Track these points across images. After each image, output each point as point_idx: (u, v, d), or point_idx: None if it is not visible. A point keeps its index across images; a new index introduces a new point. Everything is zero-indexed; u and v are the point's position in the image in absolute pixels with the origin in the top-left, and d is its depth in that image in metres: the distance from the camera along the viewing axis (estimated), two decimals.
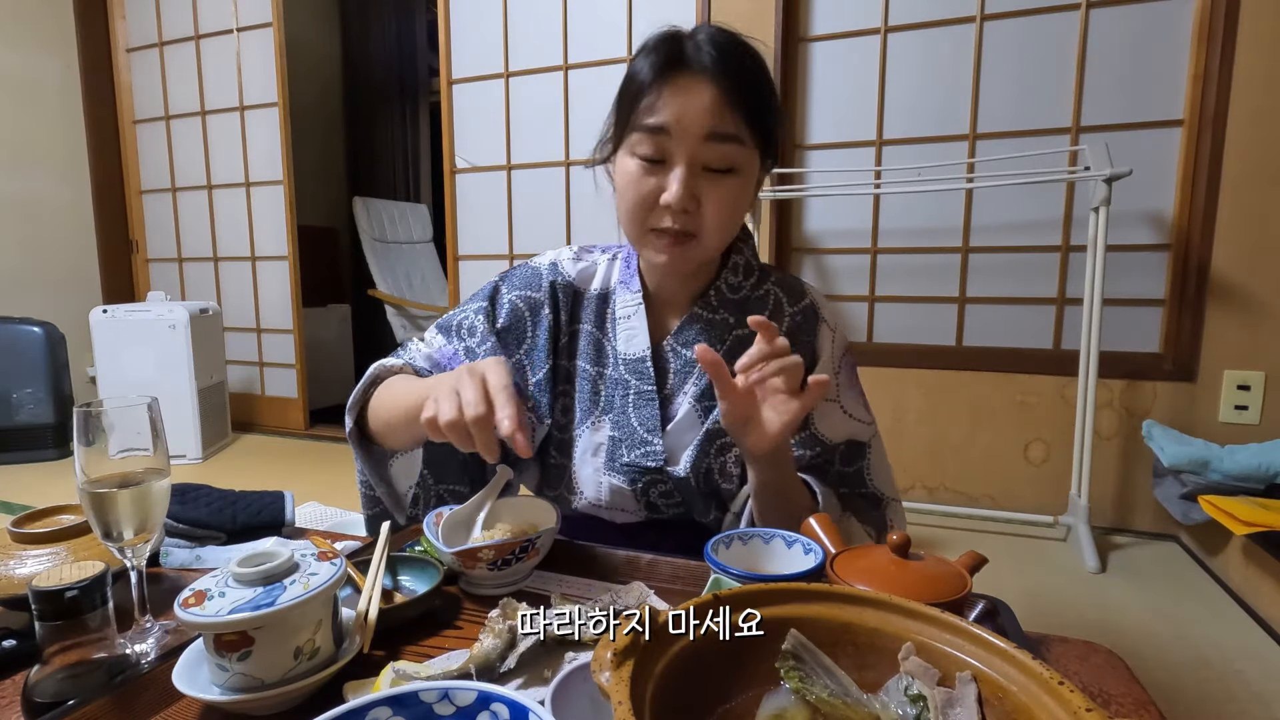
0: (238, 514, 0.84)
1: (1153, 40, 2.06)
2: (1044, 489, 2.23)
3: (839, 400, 0.84)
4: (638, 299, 0.86)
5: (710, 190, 0.74)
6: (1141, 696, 0.50)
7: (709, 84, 0.72)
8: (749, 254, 0.87)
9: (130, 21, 3.56)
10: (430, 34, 4.75)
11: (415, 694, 0.41)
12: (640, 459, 0.83)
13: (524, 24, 2.77)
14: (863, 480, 0.85)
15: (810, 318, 0.85)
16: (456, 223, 3.00)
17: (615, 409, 0.85)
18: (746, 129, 0.74)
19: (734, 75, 0.73)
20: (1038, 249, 2.23)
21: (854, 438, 0.84)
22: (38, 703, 0.48)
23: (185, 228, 3.61)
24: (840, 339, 0.85)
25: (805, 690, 0.39)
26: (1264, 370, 2.02)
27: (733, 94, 0.72)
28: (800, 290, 0.87)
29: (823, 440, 0.83)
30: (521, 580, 0.69)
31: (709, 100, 0.72)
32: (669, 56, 0.73)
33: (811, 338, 0.84)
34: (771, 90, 0.78)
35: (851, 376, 0.86)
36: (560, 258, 0.91)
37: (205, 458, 3.00)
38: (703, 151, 0.73)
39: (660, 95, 0.73)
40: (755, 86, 0.75)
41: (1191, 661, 1.46)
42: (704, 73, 0.72)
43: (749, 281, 0.86)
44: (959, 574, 0.53)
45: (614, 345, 0.86)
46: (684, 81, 0.72)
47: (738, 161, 0.74)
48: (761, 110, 0.75)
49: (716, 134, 0.72)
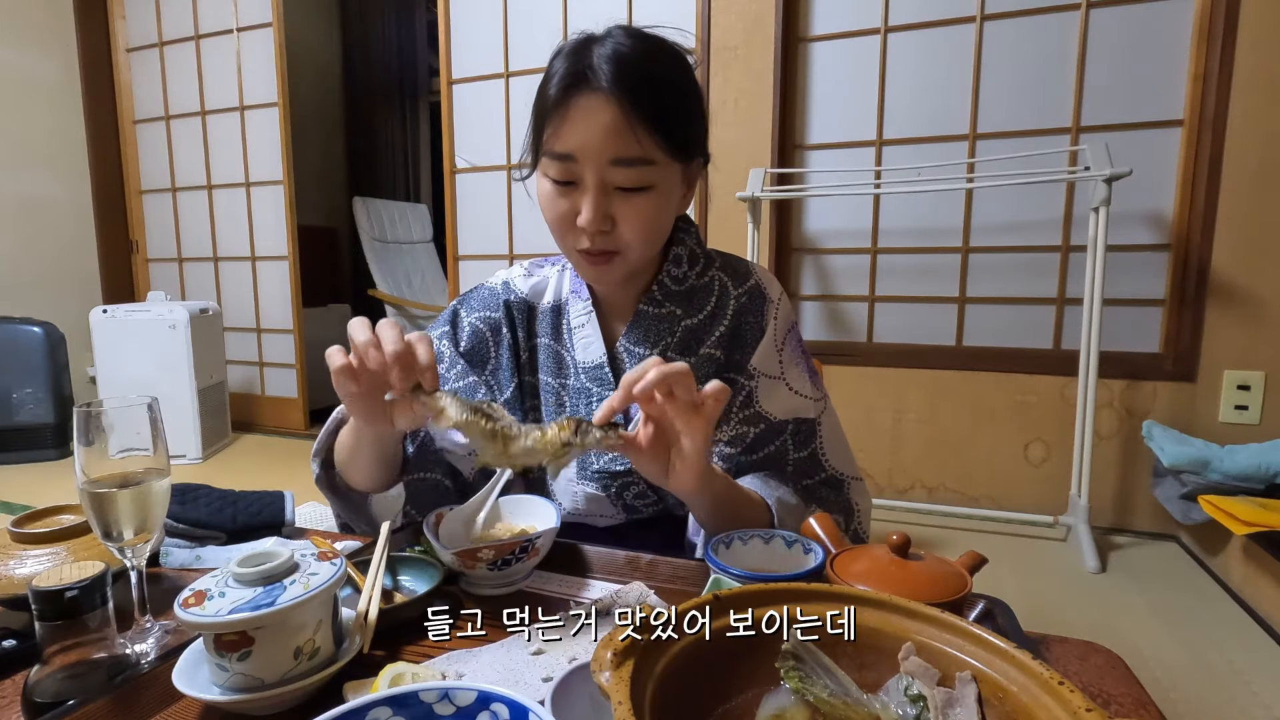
0: (238, 514, 0.84)
1: (1153, 40, 2.06)
2: (1044, 489, 2.23)
3: (783, 377, 0.84)
4: (588, 307, 0.86)
5: (625, 209, 0.73)
6: (1141, 696, 0.50)
7: (611, 104, 0.69)
8: (692, 242, 0.86)
9: (130, 21, 3.56)
10: (430, 34, 4.75)
11: (415, 694, 0.41)
12: (609, 464, 0.84)
13: (524, 24, 2.77)
14: (819, 464, 0.85)
15: (756, 298, 0.85)
16: (456, 223, 3.00)
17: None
18: (656, 146, 0.71)
19: (637, 91, 0.70)
20: (1038, 249, 2.23)
21: (800, 414, 0.84)
22: (38, 703, 0.48)
23: (185, 228, 3.61)
24: (784, 316, 0.86)
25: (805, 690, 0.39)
26: (1264, 370, 2.02)
27: (637, 112, 0.69)
28: (745, 272, 0.87)
29: (767, 417, 0.82)
30: (521, 580, 0.69)
31: (611, 122, 0.69)
32: (572, 75, 0.71)
33: (758, 317, 0.84)
34: (686, 92, 0.75)
35: (796, 353, 0.86)
36: (511, 276, 0.91)
37: (205, 458, 3.00)
38: (611, 174, 0.71)
39: (564, 119, 0.71)
40: (662, 99, 0.72)
41: (1191, 661, 1.46)
42: (604, 92, 0.69)
43: (694, 270, 0.85)
44: (959, 574, 0.53)
45: (572, 355, 0.87)
46: (586, 103, 0.70)
47: (650, 179, 0.73)
48: (672, 122, 0.72)
49: (622, 158, 0.71)
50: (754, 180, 2.21)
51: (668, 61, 0.74)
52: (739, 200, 2.20)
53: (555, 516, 0.72)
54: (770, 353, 0.83)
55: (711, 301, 0.85)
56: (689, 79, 0.77)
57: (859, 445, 2.44)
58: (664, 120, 0.71)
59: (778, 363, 0.84)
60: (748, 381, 0.83)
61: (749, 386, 0.83)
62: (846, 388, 2.42)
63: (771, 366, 0.84)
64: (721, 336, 0.84)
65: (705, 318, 0.85)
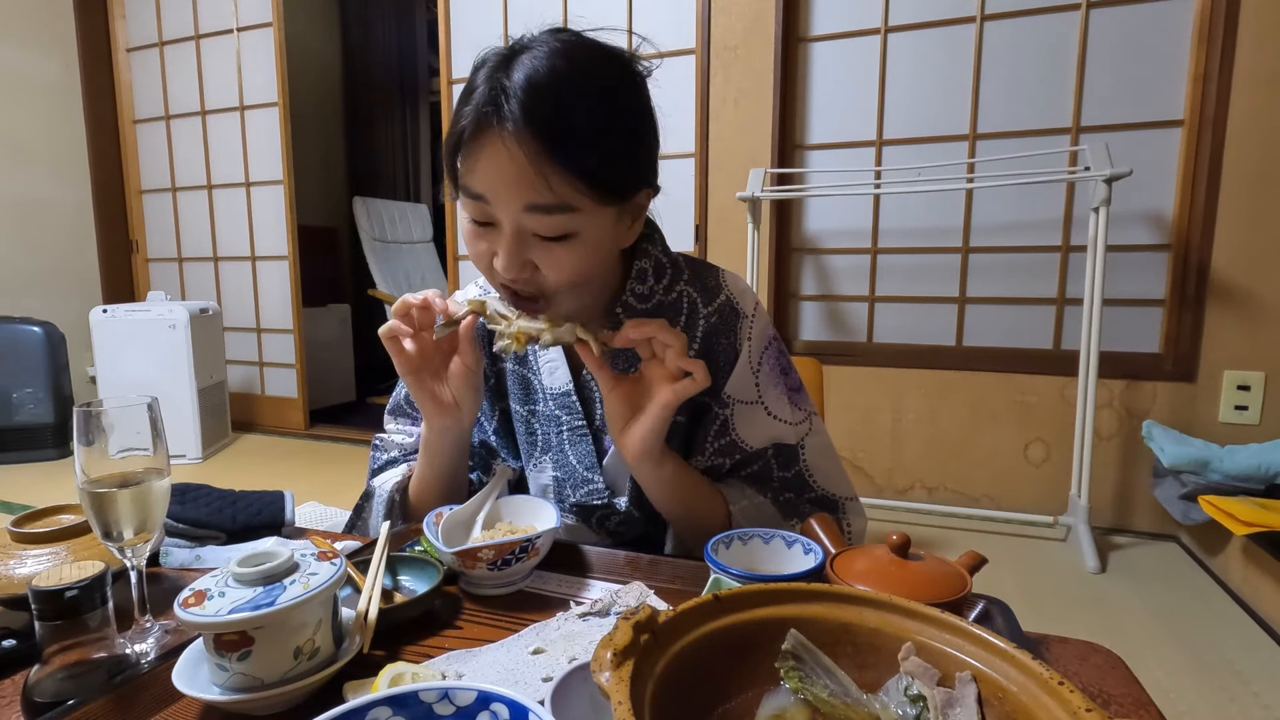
0: (238, 514, 0.84)
1: (1153, 40, 2.06)
2: (1044, 489, 2.23)
3: (761, 401, 0.78)
4: None
5: (545, 257, 0.65)
6: (1141, 696, 0.50)
7: (520, 146, 0.60)
8: (657, 251, 0.78)
9: (130, 21, 3.56)
10: (430, 34, 4.75)
11: (415, 694, 0.40)
12: (585, 498, 0.82)
13: (524, 24, 2.74)
14: (806, 484, 0.79)
15: (727, 315, 0.78)
16: (457, 223, 3.00)
17: (554, 447, 0.83)
18: (576, 191, 0.62)
19: (550, 128, 0.60)
20: (1038, 249, 2.23)
21: (779, 440, 0.78)
22: (38, 703, 0.48)
23: (185, 228, 3.62)
24: (760, 332, 0.78)
25: (805, 690, 0.39)
26: (1264, 370, 2.02)
27: (551, 153, 0.60)
28: (715, 286, 0.79)
29: (743, 447, 0.77)
30: (521, 580, 0.69)
31: (521, 168, 0.60)
32: (482, 106, 0.62)
33: (730, 338, 0.77)
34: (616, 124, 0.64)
35: (774, 372, 0.79)
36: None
37: (205, 458, 3.00)
38: (527, 221, 0.63)
39: (475, 156, 0.63)
40: (581, 136, 0.61)
41: (1191, 661, 1.46)
42: (514, 131, 0.60)
43: (660, 284, 0.78)
44: (959, 574, 0.53)
45: (539, 380, 0.83)
46: (496, 142, 0.61)
47: (571, 227, 0.63)
48: (596, 162, 0.62)
49: (537, 206, 0.62)
50: (754, 180, 2.21)
51: (594, 86, 0.63)
52: (739, 200, 2.20)
53: (555, 517, 0.72)
54: (746, 376, 0.77)
55: (680, 321, 0.78)
56: (625, 104, 0.66)
57: (859, 445, 2.44)
58: (585, 162, 0.61)
59: (754, 386, 0.78)
60: (721, 410, 0.77)
61: (723, 415, 0.77)
62: (846, 388, 2.42)
63: (747, 391, 0.77)
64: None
65: None
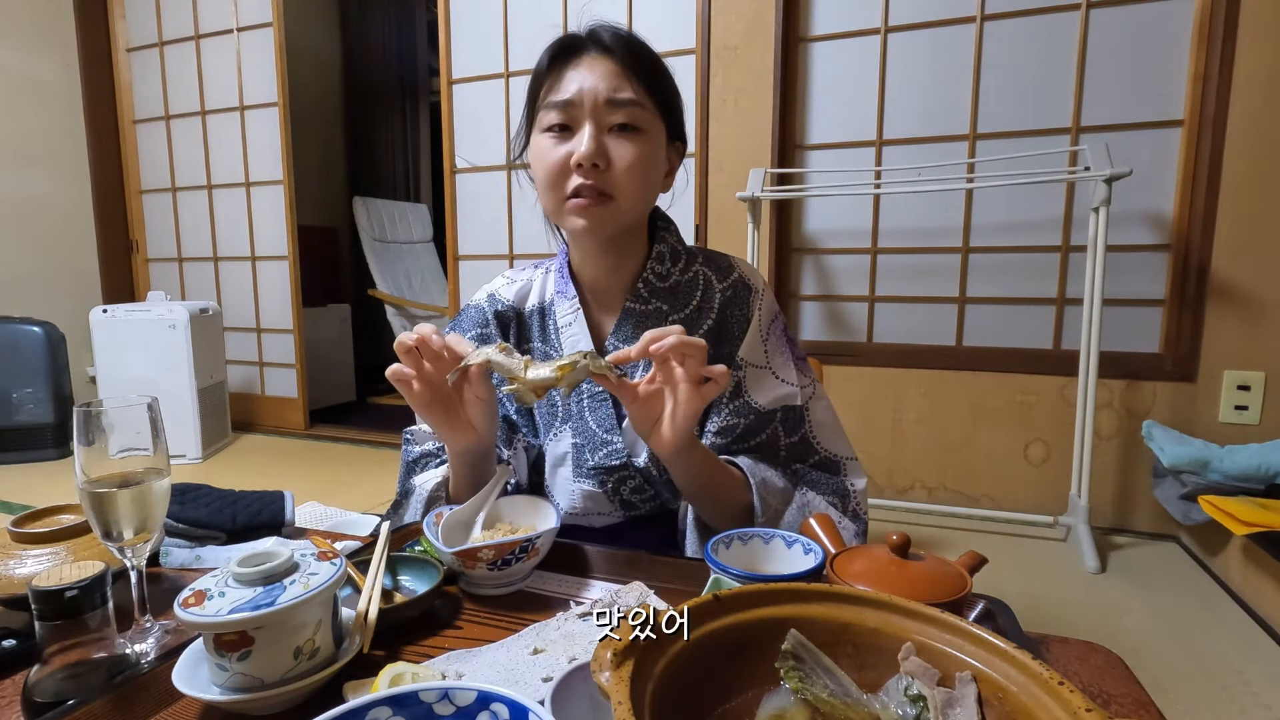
0: (238, 514, 0.84)
1: (1153, 40, 2.06)
2: (1044, 489, 2.23)
3: (769, 366, 0.86)
4: (575, 305, 0.88)
5: (619, 149, 0.78)
6: (1141, 696, 0.50)
7: (607, 58, 0.79)
8: (673, 239, 0.90)
9: (130, 21, 3.56)
10: (430, 34, 4.75)
11: (415, 694, 0.41)
12: (604, 459, 0.85)
13: (524, 24, 2.77)
14: (811, 447, 0.87)
15: (740, 290, 0.88)
16: (456, 223, 3.00)
17: (574, 416, 0.88)
18: (646, 95, 0.79)
19: (630, 51, 0.79)
20: (1038, 249, 2.23)
21: (787, 402, 0.86)
22: (38, 703, 0.48)
23: (185, 228, 3.61)
24: (768, 306, 0.88)
25: (805, 690, 0.39)
26: (1264, 370, 2.02)
27: (630, 66, 0.79)
28: (727, 266, 0.90)
29: (755, 408, 0.84)
30: (521, 580, 0.69)
31: (608, 70, 0.78)
32: (568, 46, 0.80)
33: (743, 309, 0.87)
34: (668, 73, 0.84)
35: (781, 341, 0.88)
36: (495, 288, 0.94)
37: (205, 458, 3.00)
38: (607, 114, 0.78)
39: (563, 76, 0.79)
40: (652, 63, 0.81)
41: (1191, 661, 1.46)
42: (602, 50, 0.79)
43: (676, 266, 0.88)
44: (959, 574, 0.53)
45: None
46: (584, 60, 0.79)
47: (642, 121, 0.79)
48: (659, 80, 0.81)
49: (617, 99, 0.77)
50: (754, 180, 2.21)
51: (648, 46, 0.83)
52: (739, 200, 2.20)
53: (555, 517, 0.72)
54: (756, 343, 0.86)
55: (697, 296, 0.87)
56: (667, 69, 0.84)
57: (859, 446, 2.42)
58: (654, 79, 0.81)
59: (763, 353, 0.86)
60: (736, 373, 0.85)
61: (737, 377, 0.85)
62: (846, 388, 2.42)
63: (758, 356, 0.86)
64: (709, 331, 0.86)
65: (692, 312, 0.87)
